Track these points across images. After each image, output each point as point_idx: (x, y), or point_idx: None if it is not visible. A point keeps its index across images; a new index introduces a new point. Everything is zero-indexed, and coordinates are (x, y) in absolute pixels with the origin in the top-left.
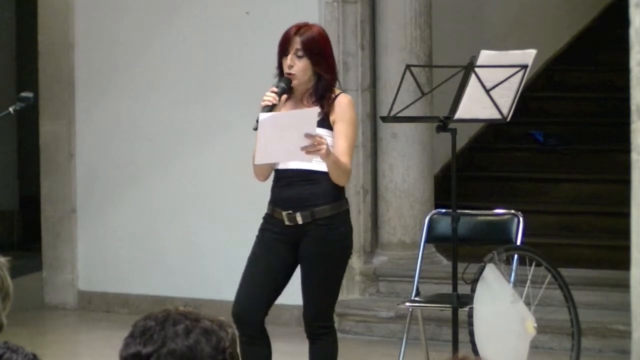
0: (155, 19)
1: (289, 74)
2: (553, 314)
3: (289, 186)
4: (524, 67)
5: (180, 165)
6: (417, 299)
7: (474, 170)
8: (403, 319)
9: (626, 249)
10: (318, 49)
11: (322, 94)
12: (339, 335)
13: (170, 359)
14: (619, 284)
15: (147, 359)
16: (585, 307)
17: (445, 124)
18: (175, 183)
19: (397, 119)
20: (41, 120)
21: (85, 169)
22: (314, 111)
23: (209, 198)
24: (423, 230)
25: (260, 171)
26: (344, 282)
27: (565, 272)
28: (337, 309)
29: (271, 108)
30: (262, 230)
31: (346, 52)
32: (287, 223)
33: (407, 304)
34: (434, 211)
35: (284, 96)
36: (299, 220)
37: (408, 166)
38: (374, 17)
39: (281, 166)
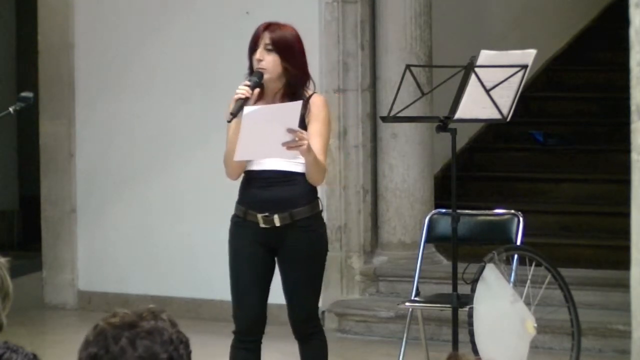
0: (155, 19)
1: (260, 68)
2: (553, 314)
3: (266, 187)
4: (524, 67)
5: (180, 165)
6: (417, 299)
7: (474, 170)
8: (403, 319)
9: (626, 249)
10: (287, 45)
11: (294, 93)
12: (338, 335)
13: None
14: (619, 284)
15: None
16: (585, 307)
17: (445, 124)
18: (175, 183)
19: (397, 119)
20: (41, 120)
21: (85, 169)
22: (297, 105)
23: (208, 198)
24: (423, 230)
25: (234, 169)
26: (344, 281)
27: (565, 272)
28: (337, 309)
29: (244, 102)
30: (235, 236)
31: (346, 52)
32: (262, 225)
33: (407, 304)
34: (434, 211)
35: (257, 90)
36: (277, 222)
37: (408, 166)
38: (374, 17)
39: (256, 167)
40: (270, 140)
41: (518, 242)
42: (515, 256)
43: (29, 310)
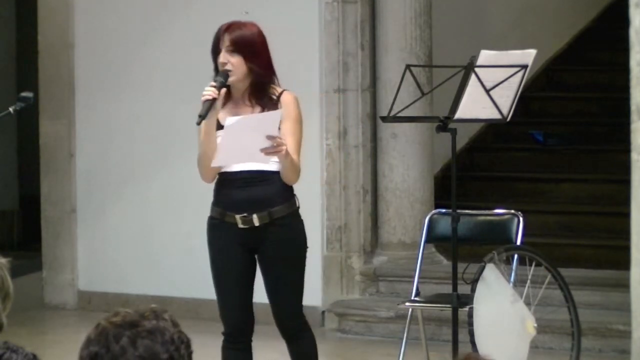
0: (155, 19)
1: (224, 71)
2: (553, 314)
3: (242, 188)
4: (524, 67)
5: (179, 165)
6: (417, 299)
7: (474, 170)
8: (403, 319)
9: (626, 249)
10: (248, 44)
11: (261, 91)
12: (338, 335)
13: None
14: (619, 284)
15: None
16: (585, 307)
17: (445, 124)
18: (175, 183)
19: (397, 119)
20: (41, 120)
21: (85, 169)
22: (277, 113)
23: (208, 198)
24: (423, 230)
25: (209, 173)
26: (344, 281)
27: (565, 272)
28: (337, 309)
29: (212, 103)
30: (213, 238)
31: (346, 52)
32: (240, 226)
33: (407, 304)
34: (434, 211)
35: (223, 90)
36: (256, 222)
37: (408, 166)
38: (374, 17)
39: (232, 169)
40: (249, 147)
41: (518, 242)
42: (515, 256)
43: (29, 310)
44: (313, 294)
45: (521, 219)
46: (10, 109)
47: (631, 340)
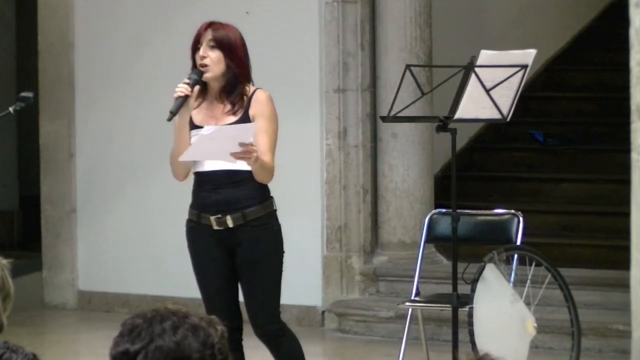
0: (155, 19)
1: (202, 65)
2: (553, 314)
3: (217, 190)
4: (524, 67)
5: None
6: (417, 299)
7: (474, 170)
8: (403, 319)
9: (626, 249)
10: (229, 42)
11: (234, 90)
12: (338, 335)
13: (158, 355)
14: (619, 284)
15: (136, 356)
16: (585, 307)
17: (445, 124)
18: (175, 183)
19: (397, 119)
20: (41, 120)
21: (85, 169)
22: (253, 126)
23: None
24: (423, 230)
25: (181, 170)
26: (344, 281)
27: (565, 272)
28: (337, 309)
29: (184, 100)
30: (192, 241)
31: (346, 52)
32: (215, 228)
33: (407, 304)
34: (434, 211)
35: (197, 88)
36: (230, 223)
37: (408, 166)
38: (374, 17)
39: (205, 168)
40: (220, 151)
41: (518, 242)
42: (515, 256)
43: (29, 310)
44: (313, 294)
45: (521, 219)
46: (10, 109)
47: (631, 340)
